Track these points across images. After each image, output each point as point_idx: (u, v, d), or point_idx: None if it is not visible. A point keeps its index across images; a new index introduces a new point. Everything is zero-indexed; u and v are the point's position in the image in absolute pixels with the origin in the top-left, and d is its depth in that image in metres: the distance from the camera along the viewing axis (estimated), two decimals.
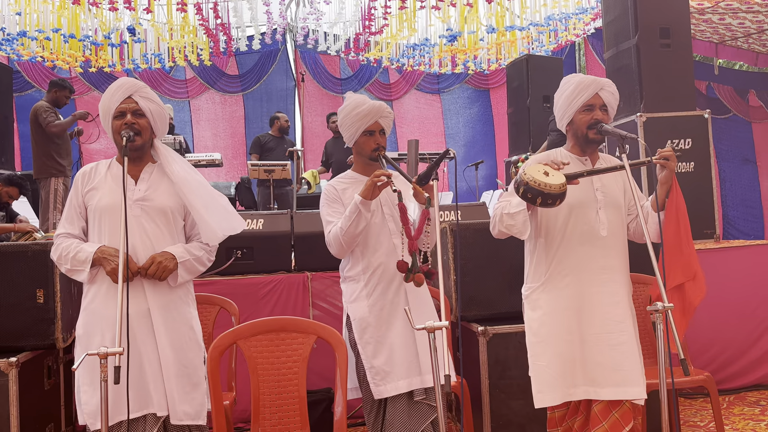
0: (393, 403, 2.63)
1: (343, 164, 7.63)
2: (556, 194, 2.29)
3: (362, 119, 2.71)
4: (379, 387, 2.62)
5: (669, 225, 2.49)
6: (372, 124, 2.71)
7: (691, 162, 4.70)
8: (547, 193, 2.28)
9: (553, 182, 2.29)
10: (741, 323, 4.25)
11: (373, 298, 2.68)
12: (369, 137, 2.73)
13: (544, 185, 2.28)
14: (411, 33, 9.30)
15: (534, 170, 2.33)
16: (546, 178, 2.30)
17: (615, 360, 2.45)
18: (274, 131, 7.70)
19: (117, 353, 2.03)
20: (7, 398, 2.92)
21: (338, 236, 2.63)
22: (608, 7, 5.36)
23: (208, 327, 3.28)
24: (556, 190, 2.29)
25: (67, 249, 2.40)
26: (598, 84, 2.55)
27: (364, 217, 2.57)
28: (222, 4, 8.97)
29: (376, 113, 2.71)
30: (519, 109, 7.67)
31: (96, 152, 9.89)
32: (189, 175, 2.50)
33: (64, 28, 8.33)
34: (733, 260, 4.32)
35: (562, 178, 2.33)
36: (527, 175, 2.31)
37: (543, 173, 2.32)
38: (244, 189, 7.71)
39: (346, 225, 2.59)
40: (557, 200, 2.31)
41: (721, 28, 8.75)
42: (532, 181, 2.29)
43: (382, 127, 2.74)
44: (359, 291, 2.71)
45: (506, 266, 3.43)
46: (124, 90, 2.45)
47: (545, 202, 2.30)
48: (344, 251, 2.69)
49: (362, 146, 2.76)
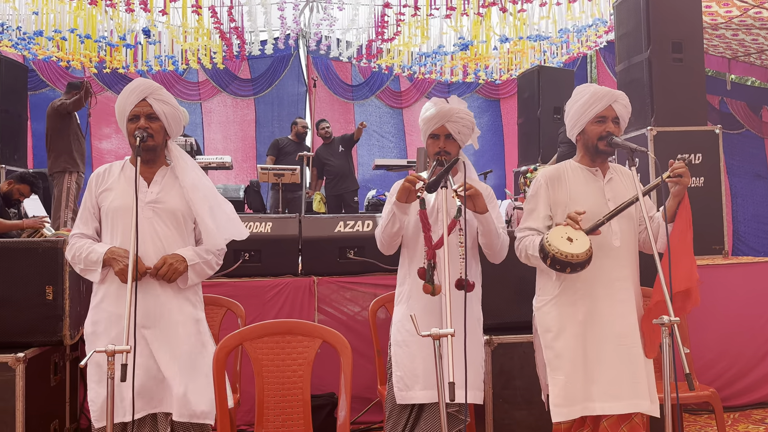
0: (430, 410, 2.62)
1: (338, 169, 7.65)
2: (583, 261, 2.35)
3: (427, 122, 2.72)
4: (402, 392, 2.62)
5: (675, 234, 2.48)
6: (438, 127, 2.70)
7: (701, 177, 4.68)
8: (576, 263, 2.34)
9: (579, 251, 2.34)
10: (748, 340, 4.22)
11: (410, 303, 2.69)
12: (434, 141, 2.73)
13: (571, 256, 2.33)
14: (423, 40, 9.32)
15: (557, 239, 2.36)
16: (570, 246, 2.34)
17: (630, 372, 2.44)
18: (293, 136, 7.74)
19: (124, 351, 2.05)
20: (14, 393, 2.95)
21: (378, 233, 2.70)
22: (621, 20, 5.36)
23: (215, 328, 3.29)
24: (582, 258, 2.34)
25: (80, 249, 2.45)
26: (613, 96, 2.56)
27: (399, 218, 2.61)
28: (237, 8, 9.03)
29: (441, 117, 2.69)
30: (529, 120, 7.66)
31: (107, 152, 9.97)
32: (199, 180, 2.53)
33: (80, 29, 8.40)
34: (741, 277, 4.29)
35: (586, 242, 2.36)
36: (552, 247, 2.35)
37: (566, 240, 2.36)
38: (253, 192, 7.75)
39: (383, 224, 2.66)
40: (586, 265, 2.37)
41: (734, 43, 8.73)
42: (559, 254, 2.34)
43: (448, 132, 2.70)
44: (401, 294, 2.76)
45: (513, 276, 3.42)
46: (139, 92, 2.47)
47: (574, 269, 2.37)
48: (385, 248, 2.73)
49: (428, 149, 2.78)
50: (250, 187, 7.83)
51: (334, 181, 7.62)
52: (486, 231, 2.60)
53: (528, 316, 2.69)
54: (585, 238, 2.37)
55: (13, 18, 8.60)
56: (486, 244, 2.65)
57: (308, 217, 4.09)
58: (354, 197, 7.67)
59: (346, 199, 7.60)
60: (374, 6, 9.17)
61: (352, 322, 3.97)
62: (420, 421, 2.64)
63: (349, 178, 7.69)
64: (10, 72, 6.47)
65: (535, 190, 2.64)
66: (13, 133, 6.44)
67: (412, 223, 2.68)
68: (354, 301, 4.00)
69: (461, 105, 2.75)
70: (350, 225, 4.02)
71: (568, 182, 2.60)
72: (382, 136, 11.23)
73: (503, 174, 10.92)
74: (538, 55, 9.83)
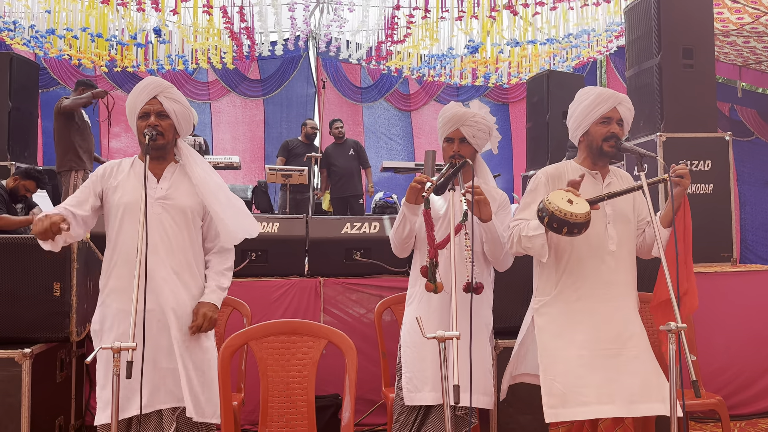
0: (437, 412, 2.62)
1: (346, 170, 7.65)
2: (581, 223, 2.27)
3: (443, 126, 2.74)
4: (411, 393, 2.62)
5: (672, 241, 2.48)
6: (452, 131, 2.72)
7: (710, 184, 4.66)
8: (573, 223, 2.26)
9: (579, 211, 2.26)
10: (756, 348, 4.19)
11: (419, 305, 2.70)
12: (449, 144, 2.75)
13: (570, 214, 2.25)
14: (433, 43, 9.33)
15: (557, 198, 2.30)
16: (570, 206, 2.27)
17: (628, 375, 2.43)
18: (303, 137, 7.75)
19: (130, 348, 2.06)
20: (20, 389, 2.96)
21: (392, 236, 2.71)
22: (632, 25, 5.34)
23: (220, 327, 3.30)
24: (581, 219, 2.27)
25: None
26: (617, 98, 2.56)
27: (409, 220, 2.61)
28: (247, 8, 9.07)
29: (456, 121, 2.70)
30: (538, 124, 7.64)
31: (117, 150, 10.01)
32: (209, 177, 2.54)
33: (91, 28, 8.46)
34: (751, 285, 4.26)
35: (586, 205, 2.31)
36: (552, 204, 2.28)
37: (567, 201, 2.29)
38: (260, 193, 7.76)
39: (395, 226, 2.67)
40: (583, 229, 2.29)
41: (745, 51, 8.69)
42: (558, 211, 2.26)
43: (462, 135, 2.71)
44: (412, 296, 2.76)
45: (519, 280, 3.39)
46: (150, 90, 2.48)
47: (571, 231, 2.28)
48: (398, 251, 2.74)
49: (443, 153, 2.79)
50: (258, 188, 7.85)
51: (339, 183, 7.60)
52: (489, 239, 2.60)
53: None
54: (585, 203, 2.32)
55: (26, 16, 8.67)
56: (489, 251, 2.65)
57: (315, 218, 4.09)
58: (359, 200, 7.66)
59: (350, 202, 7.59)
60: (384, 8, 9.19)
61: (357, 323, 3.97)
62: (426, 423, 2.63)
63: (354, 181, 7.67)
64: (22, 70, 6.50)
65: (534, 185, 2.63)
66: (23, 130, 6.48)
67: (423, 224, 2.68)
68: (360, 302, 4.00)
69: (482, 110, 2.76)
70: (357, 226, 4.02)
71: (567, 182, 2.59)
72: (390, 138, 11.23)
73: (511, 178, 10.90)
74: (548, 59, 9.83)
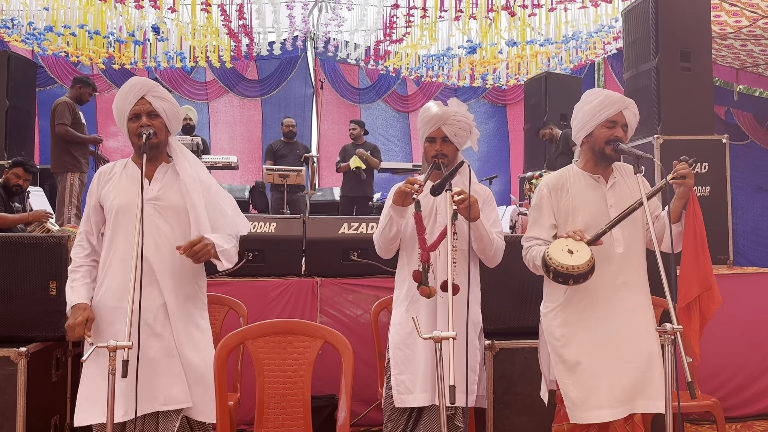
0: (429, 413, 2.61)
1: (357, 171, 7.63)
2: (585, 272, 2.37)
3: (424, 126, 2.73)
4: (402, 396, 2.61)
5: (687, 237, 2.49)
6: (434, 130, 2.70)
7: (707, 186, 4.67)
8: (577, 275, 2.36)
9: (580, 262, 2.36)
10: (751, 351, 4.20)
11: (408, 306, 2.69)
12: (431, 144, 2.73)
13: (572, 268, 2.35)
14: (431, 42, 9.33)
15: (557, 252, 2.39)
16: (571, 259, 2.36)
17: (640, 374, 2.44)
18: (283, 137, 7.74)
19: (126, 347, 2.05)
20: (15, 388, 2.95)
21: (376, 237, 2.72)
22: (630, 28, 5.35)
23: (217, 327, 3.29)
24: (584, 269, 2.36)
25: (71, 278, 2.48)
26: (624, 102, 2.57)
27: (396, 222, 2.62)
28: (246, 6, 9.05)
29: (437, 120, 2.69)
30: (535, 126, 7.67)
31: (113, 150, 9.99)
32: (198, 174, 2.52)
33: (89, 25, 8.44)
34: (746, 287, 4.27)
35: (587, 252, 2.38)
36: (553, 260, 2.38)
37: (567, 252, 2.38)
38: (258, 193, 7.76)
39: (380, 228, 2.67)
40: (588, 275, 2.38)
41: (742, 54, 8.71)
42: (560, 267, 2.36)
43: (444, 134, 2.69)
44: (400, 297, 2.75)
45: (515, 281, 3.41)
46: (137, 91, 2.46)
47: (577, 281, 2.38)
48: (383, 252, 2.74)
49: (425, 152, 2.77)
50: (255, 188, 7.85)
51: (350, 183, 7.56)
52: (477, 237, 2.60)
53: (529, 322, 2.69)
54: (586, 248, 2.39)
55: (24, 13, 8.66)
56: (478, 249, 2.66)
57: (312, 219, 4.08)
58: (368, 202, 7.62)
59: (358, 202, 7.55)
60: (383, 7, 9.19)
61: (354, 324, 3.97)
62: (419, 425, 2.62)
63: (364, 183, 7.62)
64: (19, 68, 6.49)
65: (538, 199, 2.65)
66: (20, 129, 6.47)
67: (409, 226, 2.68)
68: (356, 303, 3.99)
69: (460, 108, 2.74)
70: (354, 227, 4.02)
71: (570, 190, 2.60)
72: (387, 139, 11.23)
73: (508, 180, 10.92)
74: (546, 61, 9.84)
